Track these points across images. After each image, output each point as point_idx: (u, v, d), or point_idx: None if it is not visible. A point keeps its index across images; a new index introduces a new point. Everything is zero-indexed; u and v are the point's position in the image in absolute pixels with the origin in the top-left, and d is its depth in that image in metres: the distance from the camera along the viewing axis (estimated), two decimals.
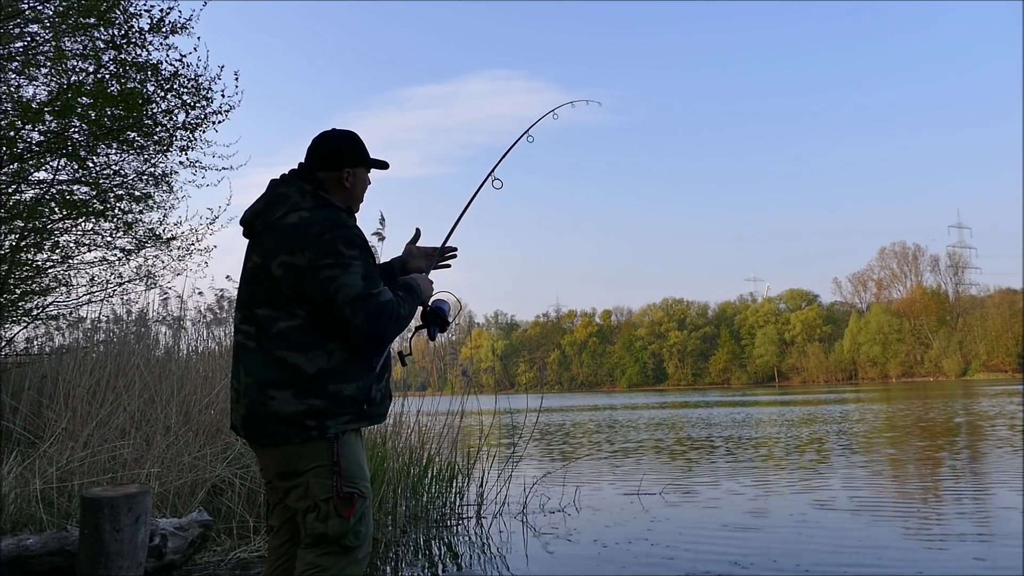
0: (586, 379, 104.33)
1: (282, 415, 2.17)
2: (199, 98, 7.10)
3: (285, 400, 2.17)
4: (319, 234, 2.17)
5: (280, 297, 2.20)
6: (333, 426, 2.19)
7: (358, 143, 2.43)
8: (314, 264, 2.15)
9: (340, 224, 2.24)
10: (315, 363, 2.18)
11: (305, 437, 2.18)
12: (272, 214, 2.28)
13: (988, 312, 79.58)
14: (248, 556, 4.54)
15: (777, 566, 4.43)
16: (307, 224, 2.20)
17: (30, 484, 4.64)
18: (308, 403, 2.17)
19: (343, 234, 2.20)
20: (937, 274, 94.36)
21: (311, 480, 2.20)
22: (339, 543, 2.21)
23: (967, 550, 4.72)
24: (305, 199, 2.28)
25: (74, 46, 6.83)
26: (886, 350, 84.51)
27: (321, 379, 2.18)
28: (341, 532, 2.20)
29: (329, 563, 2.20)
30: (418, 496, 6.08)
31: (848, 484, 7.54)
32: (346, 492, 2.19)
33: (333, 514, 2.19)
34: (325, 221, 2.22)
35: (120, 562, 3.15)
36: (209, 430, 5.53)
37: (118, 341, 7.12)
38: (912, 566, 4.36)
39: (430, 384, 9.16)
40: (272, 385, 2.18)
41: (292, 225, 2.22)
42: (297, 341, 2.18)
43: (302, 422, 2.17)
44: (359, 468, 2.26)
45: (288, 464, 2.23)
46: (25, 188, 7.17)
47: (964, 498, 6.62)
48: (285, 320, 2.19)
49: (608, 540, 5.28)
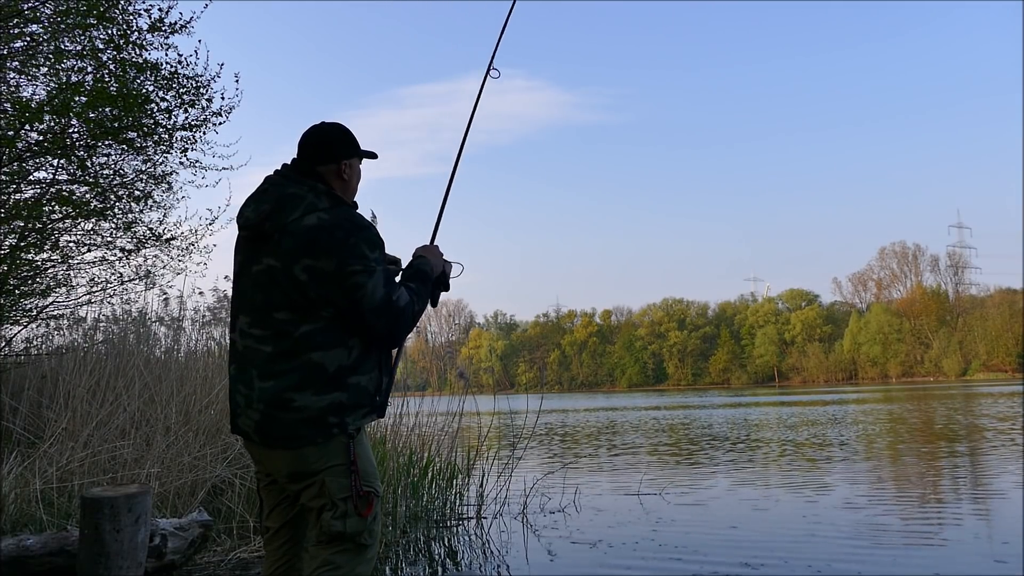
0: (586, 379, 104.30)
1: (305, 415, 2.16)
2: (198, 97, 7.09)
3: (307, 400, 2.16)
4: (344, 238, 2.16)
5: (304, 300, 2.18)
6: (352, 422, 2.22)
7: (349, 134, 2.41)
8: (342, 270, 2.15)
9: (363, 226, 2.23)
10: (336, 360, 2.19)
11: (327, 436, 2.18)
12: (286, 216, 2.21)
13: (988, 312, 79.63)
14: (248, 556, 4.54)
15: (788, 567, 4.41)
16: (330, 227, 2.18)
17: (30, 484, 4.63)
18: (331, 398, 2.17)
19: (367, 236, 2.20)
20: (937, 274, 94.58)
21: (327, 479, 2.21)
22: (355, 541, 2.23)
23: (984, 549, 4.71)
24: (320, 199, 2.24)
25: (73, 45, 6.83)
26: (886, 350, 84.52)
27: (341, 374, 2.20)
28: (359, 530, 2.23)
29: (343, 560, 2.22)
30: (418, 496, 6.07)
31: (855, 485, 7.53)
32: (364, 491, 2.22)
33: (352, 512, 2.21)
34: (347, 223, 2.21)
35: (120, 562, 3.15)
36: (209, 430, 5.53)
37: (118, 341, 7.12)
38: (929, 566, 4.34)
39: (430, 384, 9.15)
40: (293, 388, 2.16)
41: (313, 228, 2.18)
42: (321, 341, 2.18)
43: (325, 419, 2.17)
44: (373, 467, 2.30)
45: (304, 464, 2.22)
46: (25, 188, 7.17)
47: (977, 498, 6.61)
48: (309, 323, 2.18)
49: (615, 540, 5.27)
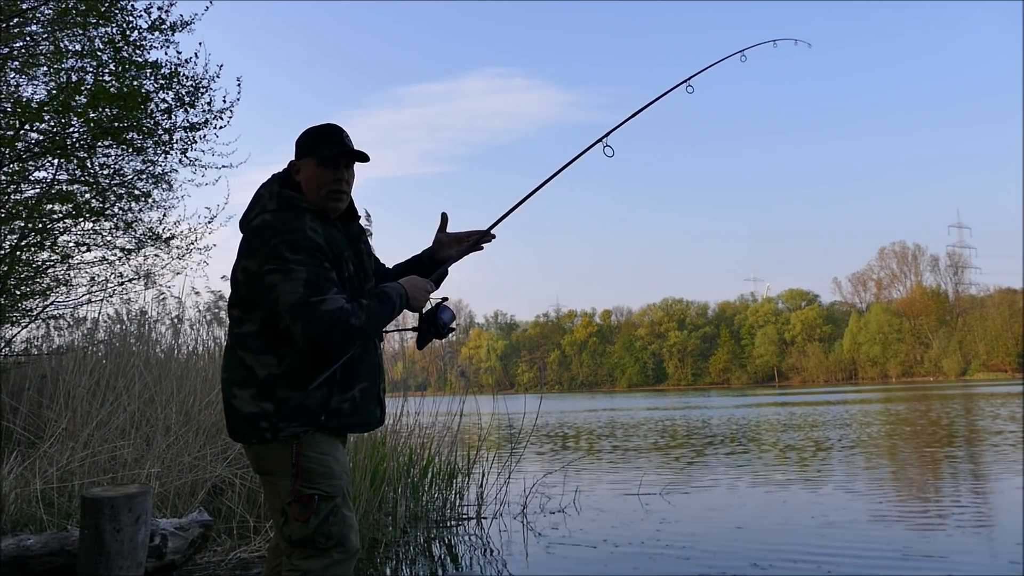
0: (586, 379, 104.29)
1: (242, 414, 2.20)
2: (197, 97, 7.09)
3: (244, 400, 2.19)
4: (268, 239, 2.15)
5: (241, 300, 2.23)
6: (286, 428, 2.16)
7: (308, 135, 2.32)
8: (259, 270, 2.15)
9: (289, 228, 2.16)
10: (266, 367, 2.17)
11: (261, 438, 2.18)
12: (247, 216, 2.30)
13: (988, 312, 79.60)
14: (248, 556, 4.54)
15: (798, 568, 4.39)
16: (262, 228, 2.19)
17: (30, 484, 4.64)
18: (260, 406, 2.17)
19: (289, 239, 2.14)
20: (937, 274, 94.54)
21: (279, 483, 2.20)
22: (310, 546, 2.17)
23: (992, 549, 4.72)
24: (272, 200, 2.26)
25: (73, 45, 6.83)
26: (886, 350, 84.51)
27: (270, 384, 2.17)
28: (304, 535, 2.16)
29: (307, 567, 2.16)
30: (418, 496, 6.07)
31: (859, 484, 7.53)
32: (305, 495, 2.14)
33: (292, 518, 2.17)
34: (276, 225, 2.18)
35: (120, 562, 3.15)
36: (209, 430, 5.53)
37: (118, 341, 7.13)
38: (940, 566, 4.33)
39: (430, 384, 9.16)
40: (236, 384, 2.21)
41: (253, 228, 2.23)
42: (252, 344, 2.20)
43: (256, 423, 2.17)
44: (324, 467, 2.19)
45: (260, 463, 2.26)
46: (25, 188, 7.17)
47: (982, 498, 6.61)
48: (247, 323, 2.22)
49: (619, 540, 5.26)
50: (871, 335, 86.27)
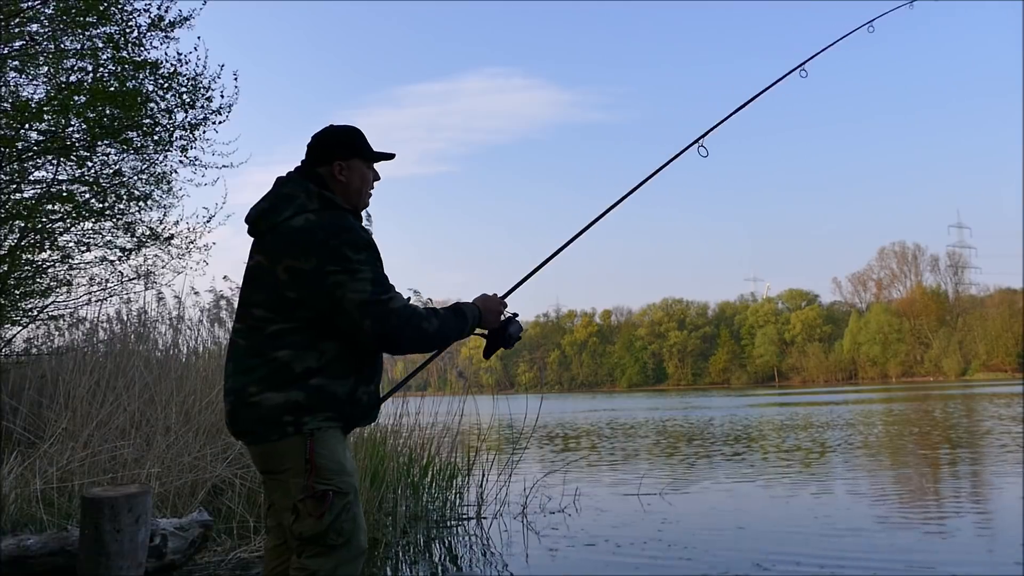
0: (586, 379, 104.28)
1: (261, 411, 2.16)
2: (197, 96, 7.08)
3: (266, 397, 2.16)
4: (325, 239, 2.15)
5: (282, 300, 2.18)
6: (310, 421, 2.15)
7: (351, 135, 2.38)
8: (320, 270, 2.13)
9: (346, 228, 2.20)
10: (305, 362, 2.16)
11: (281, 434, 2.15)
12: (277, 215, 2.24)
13: (988, 312, 79.58)
14: (248, 556, 4.54)
15: (801, 568, 4.38)
16: (313, 228, 2.18)
17: (30, 484, 4.63)
18: (288, 395, 2.14)
19: (349, 239, 2.16)
20: (937, 274, 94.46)
21: (290, 480, 2.17)
22: (321, 543, 2.16)
23: (994, 548, 4.72)
24: (311, 200, 2.25)
25: (73, 44, 6.83)
26: (886, 350, 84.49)
27: (306, 375, 2.16)
28: (318, 532, 2.14)
29: (316, 565, 2.14)
30: (418, 496, 6.07)
31: (861, 484, 7.53)
32: (319, 490, 2.13)
33: (305, 514, 2.15)
34: (331, 225, 2.19)
35: (120, 562, 3.14)
36: (209, 430, 5.53)
37: (118, 341, 7.12)
38: (942, 567, 4.32)
39: (430, 384, 9.15)
40: (255, 383, 2.17)
41: (298, 229, 2.19)
42: (291, 341, 2.17)
43: (280, 417, 2.14)
44: (336, 464, 2.19)
45: (269, 462, 2.23)
46: (25, 188, 7.17)
47: (983, 498, 6.61)
48: (281, 322, 2.18)
49: (620, 540, 5.25)
50: (871, 335, 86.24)
